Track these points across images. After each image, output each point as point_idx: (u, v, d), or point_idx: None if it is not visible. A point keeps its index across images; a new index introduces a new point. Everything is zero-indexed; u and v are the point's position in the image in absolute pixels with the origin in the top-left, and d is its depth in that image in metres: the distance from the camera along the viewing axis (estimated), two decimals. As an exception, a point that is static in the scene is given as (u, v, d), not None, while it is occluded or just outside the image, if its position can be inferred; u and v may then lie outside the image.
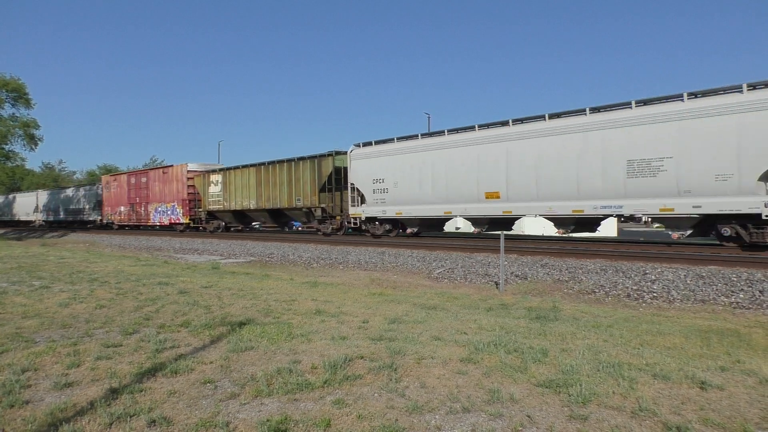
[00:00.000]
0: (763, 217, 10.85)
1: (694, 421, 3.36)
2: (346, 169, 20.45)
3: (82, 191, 42.15)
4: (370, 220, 19.83)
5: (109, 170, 73.47)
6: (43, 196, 48.03)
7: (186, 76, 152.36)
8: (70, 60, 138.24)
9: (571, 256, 12.62)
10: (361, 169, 19.68)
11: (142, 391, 3.97)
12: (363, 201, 19.93)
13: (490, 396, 3.80)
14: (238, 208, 26.00)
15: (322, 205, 21.48)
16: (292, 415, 3.49)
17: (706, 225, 12.20)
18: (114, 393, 3.92)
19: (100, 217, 38.80)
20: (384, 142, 19.18)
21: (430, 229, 20.14)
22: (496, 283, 10.26)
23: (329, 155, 21.18)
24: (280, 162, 23.37)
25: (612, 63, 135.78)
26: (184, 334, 5.91)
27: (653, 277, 9.43)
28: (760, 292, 7.99)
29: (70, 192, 44.28)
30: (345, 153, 20.60)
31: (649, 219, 14.13)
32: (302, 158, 22.21)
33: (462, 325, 6.34)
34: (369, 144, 19.68)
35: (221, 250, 19.47)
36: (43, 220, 47.81)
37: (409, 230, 19.27)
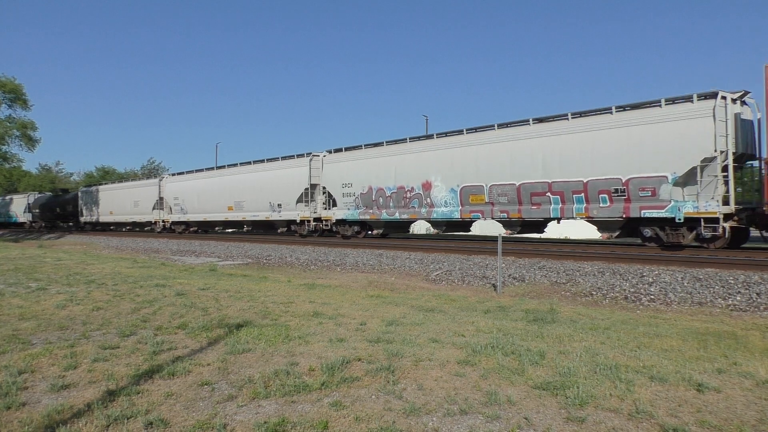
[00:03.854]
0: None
1: (691, 423, 3.36)
2: None
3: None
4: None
5: (107, 172, 72.93)
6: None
7: (183, 78, 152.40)
8: (68, 61, 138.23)
9: (568, 258, 12.63)
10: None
11: (139, 393, 3.96)
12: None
13: (488, 398, 3.80)
14: None
15: None
16: (290, 416, 3.49)
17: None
18: (111, 395, 3.91)
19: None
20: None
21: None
22: (494, 286, 10.27)
23: None
24: None
25: (606, 64, 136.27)
26: (181, 336, 5.90)
27: (650, 279, 9.45)
28: (757, 294, 8.01)
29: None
30: None
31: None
32: None
33: (459, 328, 6.34)
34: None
35: (219, 252, 19.44)
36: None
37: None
